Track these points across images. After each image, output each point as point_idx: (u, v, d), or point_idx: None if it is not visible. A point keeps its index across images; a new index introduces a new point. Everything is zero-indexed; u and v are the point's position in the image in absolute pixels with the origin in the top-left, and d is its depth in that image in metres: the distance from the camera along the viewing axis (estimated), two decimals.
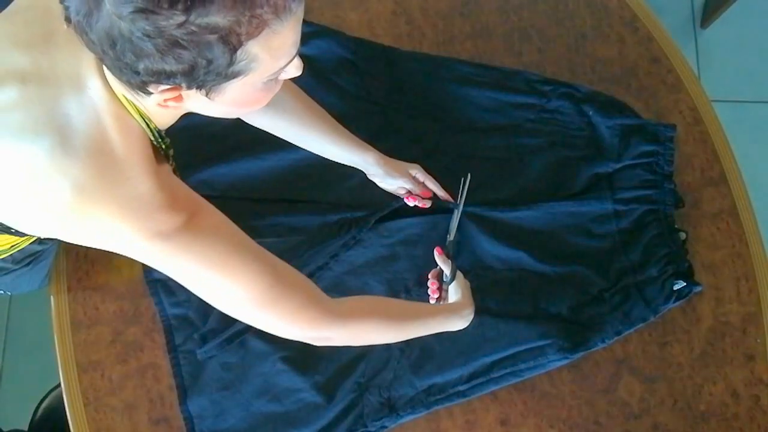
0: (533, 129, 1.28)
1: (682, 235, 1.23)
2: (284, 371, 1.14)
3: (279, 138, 1.10)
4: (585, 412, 1.16)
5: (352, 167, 1.16)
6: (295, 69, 0.75)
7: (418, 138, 1.27)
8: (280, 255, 1.18)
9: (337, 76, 1.29)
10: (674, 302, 1.18)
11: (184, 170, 1.22)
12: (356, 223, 1.20)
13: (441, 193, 1.20)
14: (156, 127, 0.79)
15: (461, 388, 1.15)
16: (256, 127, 1.08)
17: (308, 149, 1.13)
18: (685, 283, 1.18)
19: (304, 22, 1.45)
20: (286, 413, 1.13)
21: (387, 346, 1.15)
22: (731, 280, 1.23)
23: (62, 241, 1.17)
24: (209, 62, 0.64)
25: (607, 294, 1.19)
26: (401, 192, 1.19)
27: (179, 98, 0.71)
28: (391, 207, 1.21)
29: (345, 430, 1.12)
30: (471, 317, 1.09)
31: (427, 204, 1.20)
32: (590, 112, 1.28)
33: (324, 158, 1.14)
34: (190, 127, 1.24)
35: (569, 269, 1.20)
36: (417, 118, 1.28)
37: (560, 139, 1.28)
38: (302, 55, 1.44)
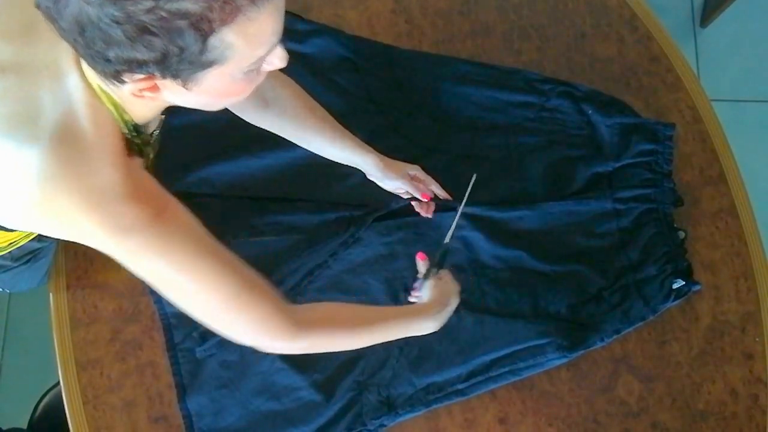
0: (532, 128, 1.28)
1: (681, 234, 1.23)
2: (283, 369, 1.14)
3: (279, 137, 1.10)
4: (584, 411, 1.16)
5: (352, 166, 1.16)
6: (278, 60, 0.72)
7: (417, 137, 1.27)
8: (280, 253, 1.19)
9: (337, 75, 1.29)
10: (673, 301, 1.18)
11: (183, 169, 1.22)
12: (355, 222, 1.20)
13: (441, 193, 1.19)
14: (132, 120, 0.77)
15: (460, 386, 1.15)
16: (255, 126, 1.08)
17: (308, 148, 1.13)
18: (684, 282, 1.19)
19: (303, 20, 1.45)
20: (285, 412, 1.13)
21: (386, 345, 1.15)
22: (730, 279, 1.23)
23: (61, 239, 1.17)
24: (182, 50, 0.62)
25: (606, 293, 1.19)
26: (400, 192, 1.19)
27: (154, 88, 0.69)
28: (390, 207, 1.21)
29: (344, 429, 1.12)
30: (442, 318, 1.04)
31: (430, 214, 1.19)
32: (589, 111, 1.28)
33: (323, 157, 1.14)
34: (190, 125, 1.24)
35: (568, 268, 1.20)
36: (416, 117, 1.28)
37: (560, 138, 1.28)
38: (301, 54, 1.44)
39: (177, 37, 0.61)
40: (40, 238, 1.04)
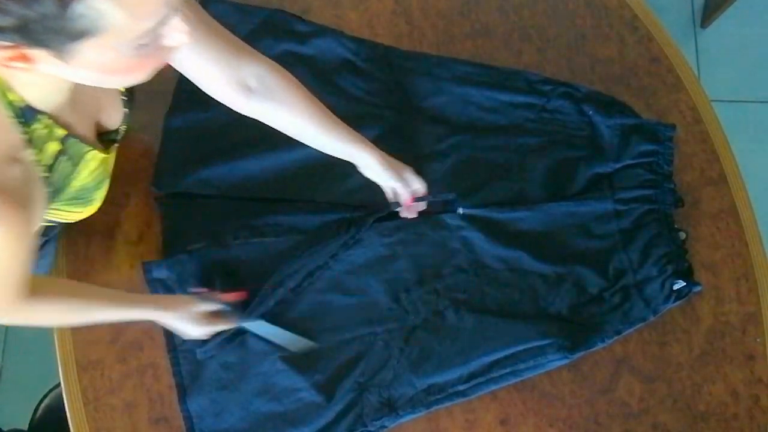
0: (533, 129, 1.28)
1: (682, 235, 1.23)
2: (284, 371, 1.14)
3: (279, 137, 1.08)
4: (585, 412, 1.16)
5: (352, 166, 1.15)
6: (178, 33, 0.66)
7: (417, 138, 1.27)
8: (280, 254, 1.19)
9: (337, 76, 1.29)
10: (674, 302, 1.18)
11: (183, 169, 1.22)
12: (355, 223, 1.20)
13: (423, 191, 1.13)
14: (22, 101, 0.72)
15: (461, 387, 1.14)
16: (255, 127, 1.06)
17: (303, 141, 1.08)
18: (684, 283, 1.19)
19: (304, 21, 1.45)
20: (286, 413, 1.13)
21: (386, 346, 1.15)
22: (731, 279, 1.23)
23: (61, 241, 1.17)
24: (42, 16, 0.56)
25: (607, 294, 1.19)
26: (387, 190, 1.14)
27: (25, 58, 0.61)
28: (390, 209, 1.21)
29: (345, 430, 1.12)
30: (163, 318, 1.08)
31: (415, 214, 1.17)
32: (590, 112, 1.28)
33: (324, 158, 1.13)
34: (190, 126, 1.24)
35: (569, 269, 1.20)
36: (417, 118, 1.28)
37: (560, 139, 1.28)
38: (302, 55, 1.43)
39: (33, 2, 0.55)
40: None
